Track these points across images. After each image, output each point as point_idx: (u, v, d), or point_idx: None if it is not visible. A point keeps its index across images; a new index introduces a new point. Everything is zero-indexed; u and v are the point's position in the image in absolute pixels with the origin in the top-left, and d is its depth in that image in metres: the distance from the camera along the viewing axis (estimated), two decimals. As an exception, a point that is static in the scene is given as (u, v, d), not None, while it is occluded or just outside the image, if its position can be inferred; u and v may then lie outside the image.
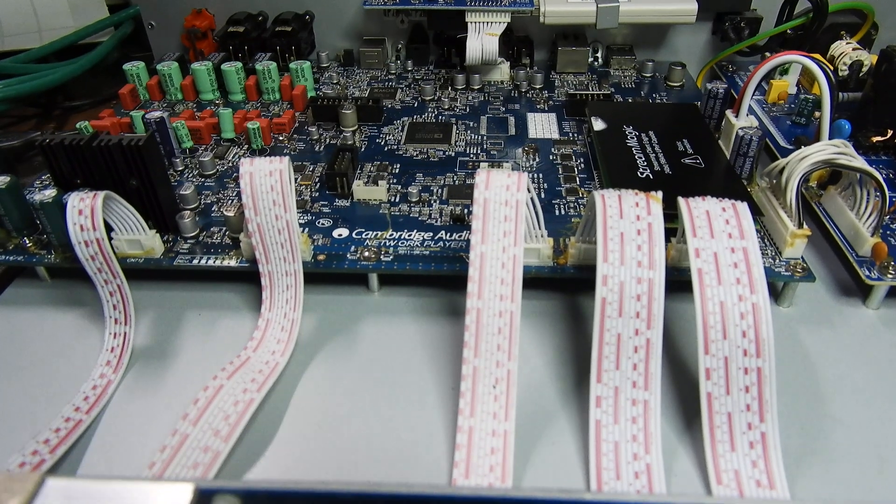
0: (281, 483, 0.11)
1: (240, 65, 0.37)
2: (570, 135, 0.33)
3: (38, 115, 0.46)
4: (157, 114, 0.31)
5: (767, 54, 0.38)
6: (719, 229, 0.21)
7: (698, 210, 0.21)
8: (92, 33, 0.49)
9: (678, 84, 0.38)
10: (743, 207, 0.21)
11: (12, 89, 0.41)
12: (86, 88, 0.48)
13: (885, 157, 0.30)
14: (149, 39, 0.43)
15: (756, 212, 0.25)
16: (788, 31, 0.37)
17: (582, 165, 0.30)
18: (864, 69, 0.34)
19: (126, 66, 0.37)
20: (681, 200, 0.22)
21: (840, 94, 0.34)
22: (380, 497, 0.11)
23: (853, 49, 0.35)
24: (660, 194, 0.22)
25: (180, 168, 0.31)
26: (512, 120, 0.35)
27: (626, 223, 0.21)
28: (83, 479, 0.11)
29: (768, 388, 0.19)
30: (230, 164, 0.31)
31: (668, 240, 0.23)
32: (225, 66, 0.36)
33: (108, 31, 0.50)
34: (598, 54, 0.41)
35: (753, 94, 0.35)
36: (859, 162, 0.24)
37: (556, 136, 0.33)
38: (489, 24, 0.36)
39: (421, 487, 0.12)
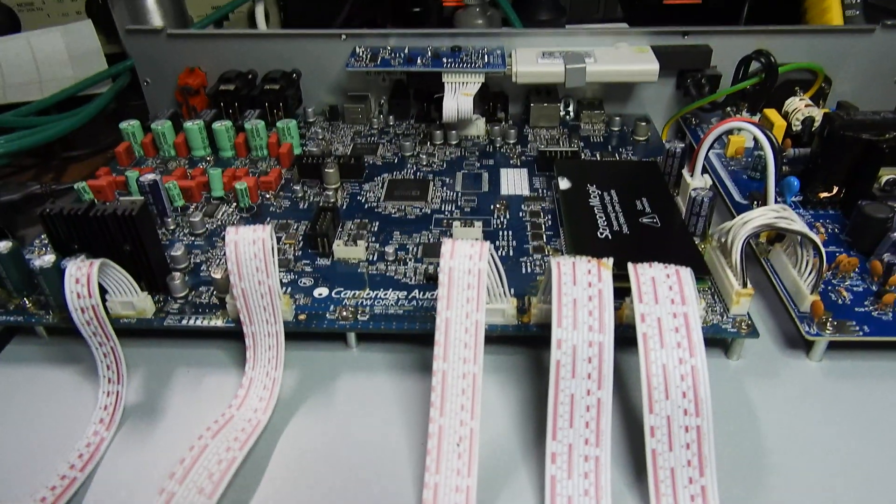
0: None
1: (230, 123, 0.39)
2: (540, 191, 0.35)
3: (37, 164, 0.48)
4: (151, 176, 0.33)
5: (729, 109, 0.41)
6: (663, 295, 0.23)
7: (645, 277, 0.23)
8: (91, 85, 0.52)
9: (643, 138, 0.40)
10: (685, 274, 0.23)
11: (14, 144, 0.43)
12: (84, 138, 0.50)
13: (833, 212, 0.32)
14: (144, 95, 0.45)
15: (704, 272, 0.27)
16: (748, 88, 0.39)
17: (549, 223, 0.32)
18: (816, 124, 0.36)
19: (122, 125, 0.39)
20: (630, 267, 0.24)
21: (793, 149, 0.36)
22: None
23: (805, 105, 0.37)
24: (610, 261, 0.24)
25: (172, 227, 0.33)
26: (486, 176, 0.37)
27: (578, 290, 0.23)
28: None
29: (707, 444, 0.21)
30: (219, 223, 0.33)
31: (623, 299, 0.26)
32: (216, 125, 0.38)
33: (106, 83, 0.52)
34: (570, 108, 0.43)
35: (713, 149, 0.37)
36: (798, 225, 0.26)
37: (526, 192, 0.35)
38: (464, 83, 0.39)
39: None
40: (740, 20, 0.54)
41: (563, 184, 0.33)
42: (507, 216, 0.33)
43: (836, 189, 0.32)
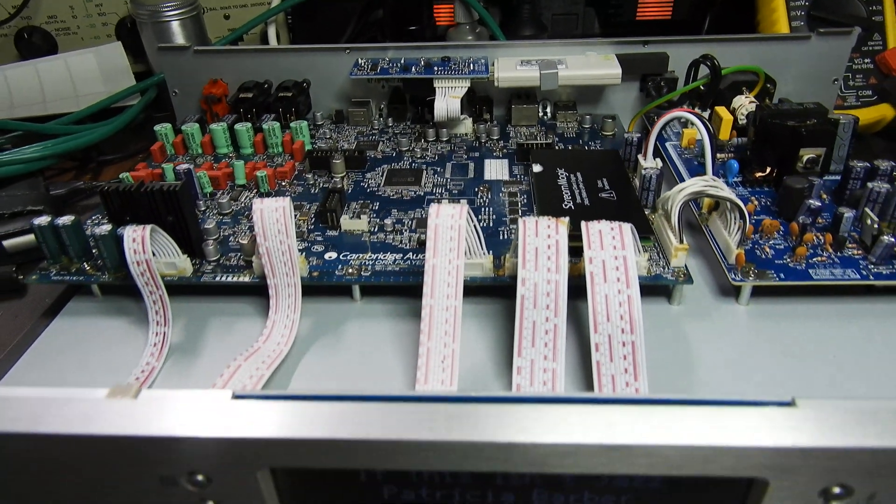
0: (301, 391, 0.18)
1: (249, 125, 0.45)
2: (518, 177, 0.41)
3: (76, 167, 0.54)
4: (184, 166, 0.39)
5: (685, 106, 0.47)
6: (608, 243, 0.28)
7: (593, 230, 0.29)
8: (121, 98, 0.58)
9: (610, 133, 0.46)
10: (626, 227, 0.29)
11: (59, 147, 0.49)
12: (115, 145, 0.55)
13: (767, 189, 0.38)
14: (172, 104, 0.51)
15: (648, 231, 0.33)
16: (702, 88, 0.45)
17: (525, 201, 0.38)
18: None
19: (156, 128, 0.45)
20: (583, 224, 0.29)
21: (737, 139, 0.42)
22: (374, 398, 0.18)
23: (750, 102, 0.43)
24: (566, 219, 0.29)
25: (203, 209, 0.38)
26: (472, 165, 0.42)
27: (539, 240, 0.28)
28: (161, 389, 0.18)
29: (640, 355, 0.26)
30: (243, 205, 0.39)
31: (580, 257, 0.31)
32: (237, 126, 0.44)
33: (134, 97, 0.58)
34: (547, 110, 0.49)
35: (671, 141, 0.43)
36: (725, 192, 0.32)
37: (506, 177, 0.41)
38: (452, 87, 0.45)
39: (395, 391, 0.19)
40: (702, 32, 0.60)
41: (537, 168, 0.38)
42: (489, 196, 0.39)
43: (768, 169, 0.38)
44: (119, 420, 0.17)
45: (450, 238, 0.29)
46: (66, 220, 0.33)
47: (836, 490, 0.16)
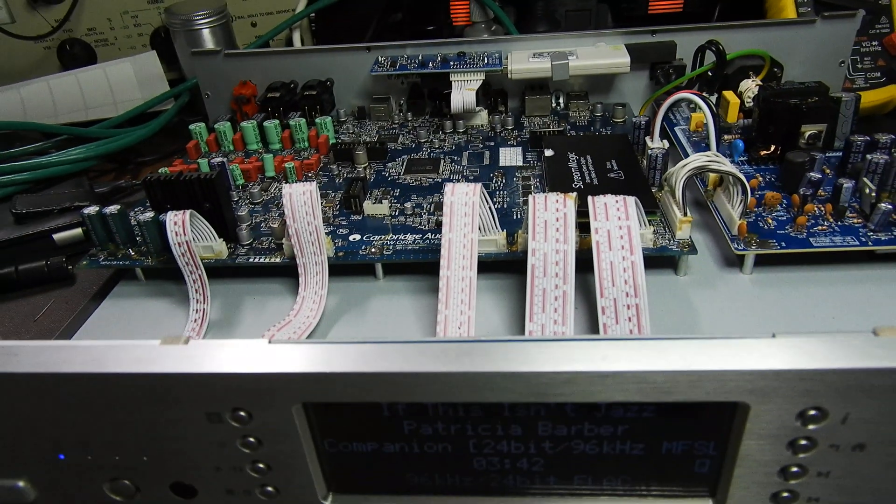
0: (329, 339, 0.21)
1: (277, 122, 0.47)
2: (532, 162, 0.43)
3: (116, 168, 0.57)
4: (218, 160, 0.41)
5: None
6: (613, 215, 0.30)
7: (599, 203, 0.31)
8: (156, 103, 0.61)
9: (621, 120, 0.47)
10: (630, 200, 0.30)
11: (101, 148, 0.53)
12: (151, 147, 0.59)
13: (772, 166, 0.39)
14: (205, 105, 0.54)
15: (653, 206, 0.34)
16: (709, 73, 0.47)
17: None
18: (763, 101, 0.43)
19: (191, 126, 0.48)
20: (589, 198, 0.31)
21: (743, 120, 0.44)
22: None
23: (756, 86, 0.44)
24: (574, 194, 0.31)
25: (235, 199, 0.41)
26: (487, 154, 0.44)
27: (549, 213, 0.30)
28: (207, 339, 0.21)
29: (644, 316, 0.28)
30: (272, 195, 0.41)
31: (588, 232, 0.33)
32: (266, 124, 0.47)
33: (168, 101, 0.62)
34: (560, 100, 0.50)
35: (679, 125, 0.45)
36: (727, 166, 0.33)
37: (520, 163, 0.43)
38: (468, 80, 0.47)
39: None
40: (712, 21, 0.61)
41: (548, 152, 0.40)
42: (504, 181, 0.41)
43: (773, 147, 0.39)
44: (171, 361, 0.19)
45: (464, 214, 0.31)
46: (112, 209, 0.36)
47: (812, 412, 0.18)
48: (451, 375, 0.18)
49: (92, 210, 0.36)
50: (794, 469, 0.19)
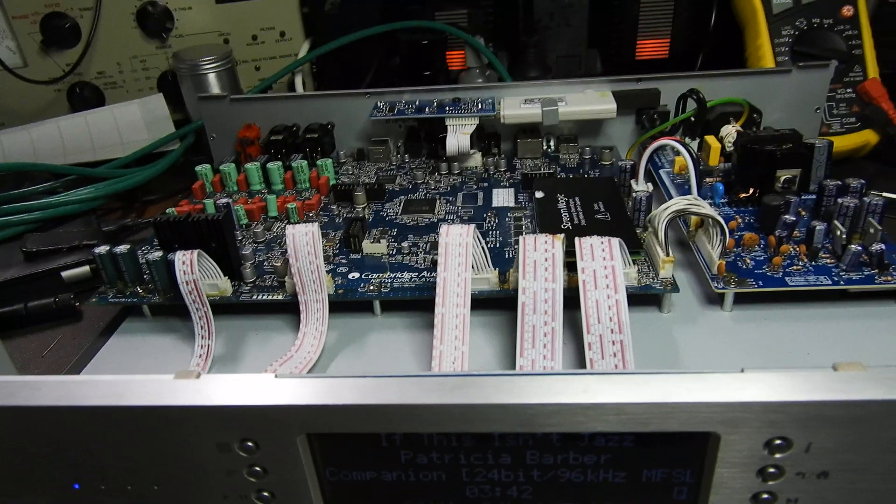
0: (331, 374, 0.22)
1: (280, 163, 0.49)
2: (523, 203, 0.45)
3: (123, 206, 0.59)
4: (224, 200, 0.43)
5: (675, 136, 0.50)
6: (598, 255, 0.32)
7: (585, 244, 0.32)
8: (162, 144, 0.63)
9: (608, 162, 0.50)
10: (615, 241, 0.32)
11: (109, 189, 0.55)
12: (158, 186, 0.61)
13: (751, 208, 0.41)
14: (210, 146, 0.57)
15: (637, 246, 0.36)
16: (692, 119, 0.49)
17: (529, 224, 0.42)
18: (743, 145, 0.46)
19: (197, 168, 0.50)
20: (576, 239, 0.33)
21: (723, 164, 0.46)
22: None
23: (736, 131, 0.47)
24: (562, 235, 0.33)
25: (240, 238, 0.43)
26: (481, 195, 0.46)
27: (538, 254, 0.32)
28: (218, 374, 0.22)
29: (628, 352, 0.30)
30: (274, 234, 0.43)
31: (576, 271, 0.34)
32: (269, 165, 0.49)
33: (174, 142, 0.64)
34: (551, 143, 0.53)
35: (664, 168, 0.47)
36: (705, 209, 0.35)
37: (512, 204, 0.45)
38: (463, 125, 0.49)
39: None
40: (696, 68, 0.64)
41: (539, 194, 0.42)
42: (497, 221, 0.43)
43: (751, 190, 0.41)
44: (185, 394, 0.21)
45: (458, 254, 0.33)
46: (122, 248, 0.38)
47: (778, 441, 0.19)
48: (446, 407, 0.20)
49: (103, 249, 0.38)
50: (765, 496, 0.21)
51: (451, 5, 0.69)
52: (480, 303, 0.36)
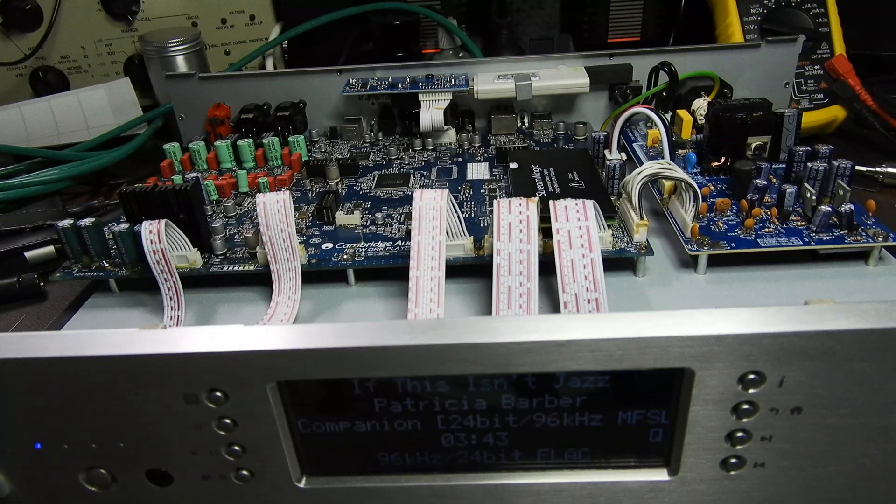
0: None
1: (251, 140, 0.49)
2: (498, 176, 0.45)
3: (89, 191, 0.58)
4: (193, 175, 0.42)
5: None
6: (572, 216, 0.32)
7: (560, 206, 0.32)
8: (130, 128, 0.62)
9: (582, 137, 0.50)
10: (589, 203, 0.32)
11: (74, 170, 0.53)
12: (124, 170, 0.59)
13: (723, 177, 0.41)
14: (179, 127, 0.55)
15: (612, 211, 0.36)
16: (664, 93, 0.49)
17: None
18: (713, 117, 0.46)
19: (165, 146, 0.49)
20: (551, 202, 0.33)
21: (696, 135, 0.46)
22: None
23: (707, 104, 0.47)
24: (536, 198, 0.33)
25: (210, 213, 0.42)
26: (455, 169, 0.46)
27: (512, 216, 0.32)
28: (184, 327, 0.21)
29: (604, 310, 0.29)
30: (245, 209, 0.42)
31: (551, 237, 0.34)
32: (240, 142, 0.48)
33: (142, 126, 0.63)
34: (525, 120, 0.53)
35: (637, 141, 0.47)
36: (678, 173, 0.35)
37: (487, 177, 0.44)
38: (436, 100, 0.49)
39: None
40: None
41: (513, 165, 0.42)
42: (472, 192, 0.42)
43: (723, 159, 0.41)
44: (150, 344, 0.20)
45: (432, 217, 0.33)
46: (87, 221, 0.37)
47: (751, 376, 0.19)
48: (418, 348, 0.19)
49: (66, 223, 0.37)
50: (740, 434, 0.21)
51: (423, -13, 0.69)
52: (456, 270, 0.35)
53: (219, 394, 0.20)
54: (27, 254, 0.44)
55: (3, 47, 0.66)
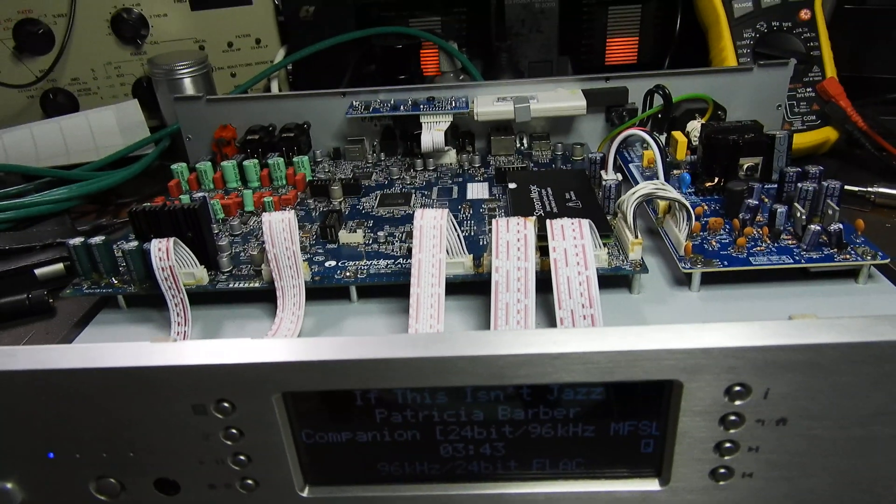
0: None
1: (256, 160, 0.50)
2: (497, 196, 0.46)
3: (97, 209, 0.59)
4: (200, 194, 0.44)
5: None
6: (569, 235, 0.33)
7: (556, 225, 0.33)
8: (136, 148, 0.63)
9: (580, 158, 0.51)
10: (585, 222, 0.33)
11: (83, 189, 0.55)
12: (131, 189, 0.61)
13: (716, 197, 0.42)
14: (186, 148, 0.57)
15: (608, 230, 0.37)
16: (659, 115, 0.51)
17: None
18: (707, 139, 0.47)
19: (173, 166, 0.50)
20: (548, 221, 0.34)
21: (690, 156, 0.47)
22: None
23: (701, 126, 0.48)
24: (534, 217, 0.34)
25: (216, 231, 0.43)
26: (456, 188, 0.47)
27: (510, 234, 0.33)
28: (194, 340, 0.22)
29: (599, 325, 0.30)
30: (251, 228, 0.44)
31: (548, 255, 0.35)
32: (245, 163, 0.49)
33: (149, 146, 0.64)
34: (524, 141, 0.54)
35: (633, 162, 0.48)
36: (672, 193, 0.36)
37: (486, 196, 0.46)
38: (437, 122, 0.50)
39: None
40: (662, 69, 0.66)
41: (512, 185, 0.43)
42: (471, 212, 0.43)
43: (716, 179, 0.42)
44: (161, 356, 0.21)
45: (433, 236, 0.34)
46: (97, 239, 0.38)
47: (737, 388, 0.20)
48: (418, 361, 0.20)
49: (77, 241, 0.38)
50: (728, 445, 0.21)
51: (424, 13, 0.71)
52: (455, 287, 0.36)
53: (226, 404, 0.21)
54: (37, 271, 0.45)
55: (16, 70, 0.67)
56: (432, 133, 0.49)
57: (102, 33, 0.68)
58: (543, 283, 0.33)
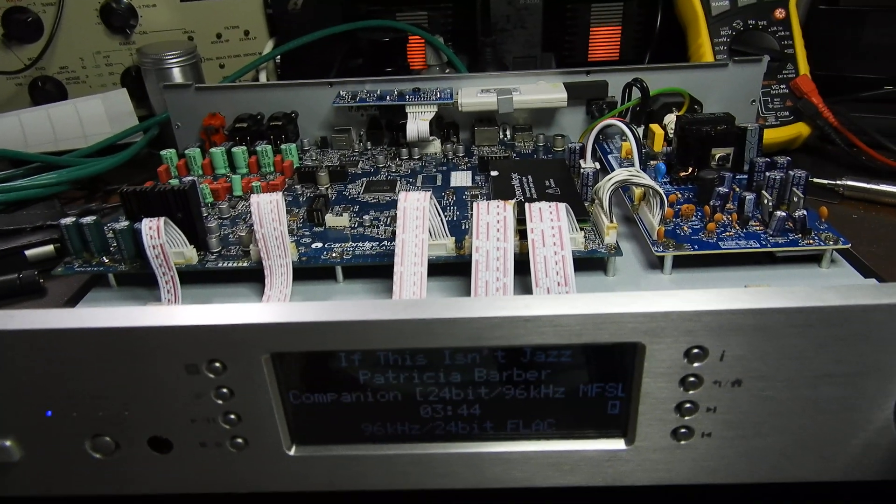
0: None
1: (245, 147, 0.51)
2: (479, 183, 0.47)
3: (85, 196, 0.60)
4: (189, 178, 0.45)
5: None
6: (546, 217, 0.34)
7: (535, 208, 0.35)
8: (125, 137, 0.64)
9: (561, 149, 0.52)
10: (561, 206, 0.35)
11: (72, 174, 0.55)
12: (119, 177, 0.61)
13: (690, 186, 0.44)
14: (175, 135, 0.58)
15: (585, 214, 0.39)
16: (637, 108, 0.52)
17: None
18: (683, 131, 0.49)
19: (162, 152, 0.51)
20: (526, 205, 0.35)
21: (666, 147, 0.49)
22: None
23: (677, 117, 0.50)
24: (513, 201, 0.35)
25: (205, 215, 0.44)
26: (440, 176, 0.49)
27: (491, 216, 0.34)
28: (186, 305, 0.23)
29: (573, 303, 0.32)
30: (239, 212, 0.45)
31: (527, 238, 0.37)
32: (234, 149, 0.51)
33: (138, 135, 0.65)
34: (507, 132, 0.56)
35: (612, 153, 0.50)
36: (645, 180, 0.38)
37: (469, 184, 0.47)
38: (422, 112, 0.51)
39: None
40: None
41: (494, 173, 0.45)
42: (455, 198, 0.45)
43: (690, 169, 0.44)
44: (154, 317, 0.22)
45: (416, 217, 0.35)
46: (88, 219, 0.39)
47: (695, 350, 0.22)
48: (399, 322, 0.21)
49: (69, 220, 0.39)
50: (687, 405, 0.23)
51: (411, 7, 0.72)
52: (437, 268, 0.38)
53: (218, 364, 0.23)
54: (27, 252, 0.46)
55: (4, 57, 0.68)
56: (417, 123, 0.51)
57: (91, 22, 0.69)
58: (522, 265, 0.34)
